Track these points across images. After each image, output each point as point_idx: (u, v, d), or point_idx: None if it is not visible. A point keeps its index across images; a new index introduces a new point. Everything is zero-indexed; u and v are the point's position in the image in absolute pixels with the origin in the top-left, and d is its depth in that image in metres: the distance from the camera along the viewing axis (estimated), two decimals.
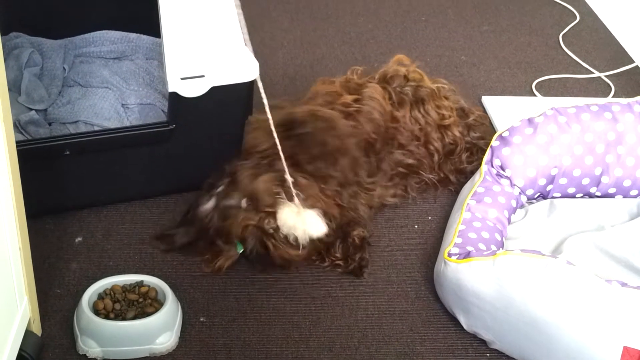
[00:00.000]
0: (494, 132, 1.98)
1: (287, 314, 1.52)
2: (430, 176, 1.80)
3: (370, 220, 1.70)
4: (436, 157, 1.80)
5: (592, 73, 2.30)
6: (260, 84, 1.50)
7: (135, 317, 1.42)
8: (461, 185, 1.80)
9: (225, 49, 1.64)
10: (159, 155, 1.68)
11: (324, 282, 1.59)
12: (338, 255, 1.61)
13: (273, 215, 1.51)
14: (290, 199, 1.51)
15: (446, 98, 1.85)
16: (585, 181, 1.74)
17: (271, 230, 1.52)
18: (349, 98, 1.74)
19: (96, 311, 1.43)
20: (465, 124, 1.88)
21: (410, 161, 1.78)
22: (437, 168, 1.81)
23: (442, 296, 1.54)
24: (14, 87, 1.92)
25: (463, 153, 1.84)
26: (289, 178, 1.50)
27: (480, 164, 1.74)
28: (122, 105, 1.90)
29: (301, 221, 1.50)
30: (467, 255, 1.47)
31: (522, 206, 1.74)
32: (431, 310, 1.54)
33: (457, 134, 1.83)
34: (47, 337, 1.45)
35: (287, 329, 1.49)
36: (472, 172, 1.80)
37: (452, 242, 1.54)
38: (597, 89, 2.24)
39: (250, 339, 1.47)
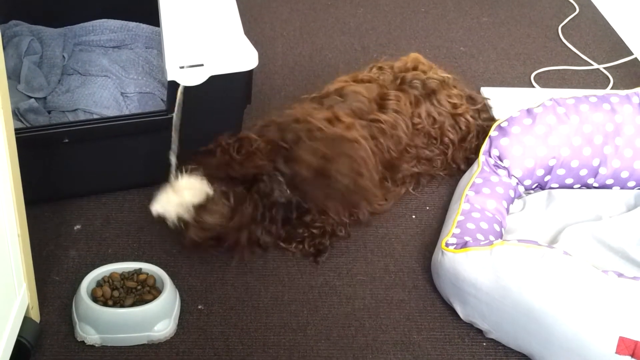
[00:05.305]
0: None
1: (284, 303, 1.53)
2: (441, 173, 1.82)
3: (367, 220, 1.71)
4: (451, 149, 1.81)
5: (591, 65, 2.30)
6: None
7: (133, 305, 1.43)
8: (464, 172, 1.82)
9: (224, 37, 1.64)
10: (157, 144, 1.68)
11: (322, 271, 1.60)
12: (298, 240, 1.63)
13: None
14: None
15: (455, 87, 1.86)
16: (583, 172, 1.74)
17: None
18: (381, 117, 1.73)
19: (94, 298, 1.43)
20: (475, 109, 1.88)
21: (424, 168, 1.79)
22: (451, 159, 1.82)
23: (439, 286, 1.54)
24: (14, 75, 1.92)
25: (474, 139, 1.85)
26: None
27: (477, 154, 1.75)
28: (122, 93, 1.91)
29: (176, 197, 1.52)
30: (465, 245, 1.48)
31: (519, 196, 1.74)
32: (428, 300, 1.55)
33: (470, 119, 1.84)
34: (46, 323, 1.45)
35: (285, 317, 1.50)
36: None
37: (450, 233, 1.55)
38: (595, 80, 2.25)
39: (248, 327, 1.47)
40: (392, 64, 1.89)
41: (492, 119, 1.91)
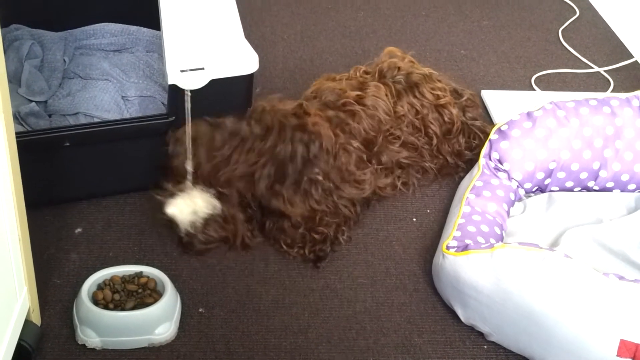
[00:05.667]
0: (491, 121, 2.00)
1: (285, 305, 1.53)
2: (431, 164, 1.82)
3: (355, 215, 1.71)
4: (435, 141, 1.81)
5: (592, 68, 2.31)
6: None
7: (134, 308, 1.43)
8: (459, 169, 1.83)
9: (225, 41, 1.64)
10: (158, 147, 1.68)
11: (323, 274, 1.60)
12: (300, 245, 1.63)
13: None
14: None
15: (439, 81, 1.87)
16: (584, 175, 1.74)
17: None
18: (352, 94, 1.74)
19: (95, 301, 1.43)
20: (459, 104, 1.89)
21: (411, 154, 1.79)
22: (436, 151, 1.82)
23: (440, 289, 1.54)
24: (14, 79, 1.92)
25: (460, 134, 1.85)
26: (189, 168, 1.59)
27: (479, 153, 1.75)
28: (122, 97, 1.91)
29: (191, 204, 1.58)
30: (465, 248, 1.48)
31: (520, 199, 1.74)
32: (429, 303, 1.55)
33: (454, 111, 1.84)
34: (47, 326, 1.45)
35: (286, 320, 1.50)
36: (470, 156, 1.84)
37: (451, 235, 1.55)
38: (596, 83, 2.25)
39: (249, 330, 1.47)
40: (373, 66, 1.90)
41: (476, 119, 1.91)
